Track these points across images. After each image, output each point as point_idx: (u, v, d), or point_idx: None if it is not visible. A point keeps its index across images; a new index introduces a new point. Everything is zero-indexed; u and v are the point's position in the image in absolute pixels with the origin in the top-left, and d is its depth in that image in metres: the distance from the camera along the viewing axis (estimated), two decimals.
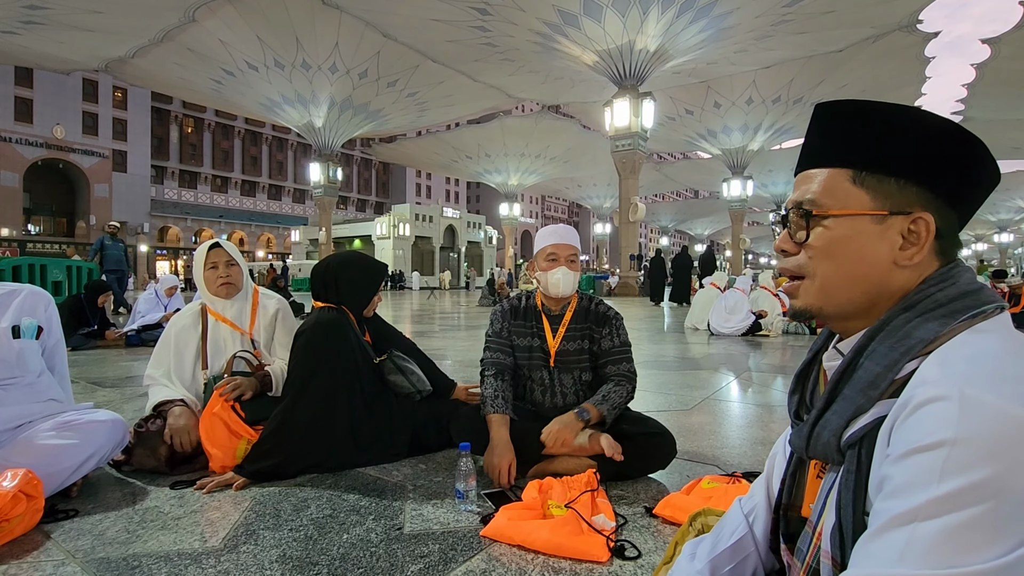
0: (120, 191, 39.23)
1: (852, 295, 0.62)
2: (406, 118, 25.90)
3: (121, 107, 40.06)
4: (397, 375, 2.17)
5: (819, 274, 0.63)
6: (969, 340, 0.53)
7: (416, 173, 60.94)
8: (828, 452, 0.60)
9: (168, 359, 2.11)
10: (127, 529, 1.48)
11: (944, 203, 0.59)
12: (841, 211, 0.62)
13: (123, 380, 3.80)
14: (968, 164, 0.59)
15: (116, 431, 1.78)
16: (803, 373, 0.71)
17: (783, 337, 6.73)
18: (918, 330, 0.55)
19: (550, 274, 1.92)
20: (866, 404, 0.56)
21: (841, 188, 0.62)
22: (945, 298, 0.56)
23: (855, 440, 0.57)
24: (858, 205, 0.61)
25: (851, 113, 0.63)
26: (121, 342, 5.63)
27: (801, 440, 0.63)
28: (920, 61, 19.94)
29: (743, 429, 2.62)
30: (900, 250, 0.59)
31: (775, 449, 0.82)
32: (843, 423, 0.58)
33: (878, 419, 0.55)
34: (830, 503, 0.60)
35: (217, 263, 2.14)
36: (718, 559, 0.77)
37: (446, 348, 5.67)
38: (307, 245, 41.68)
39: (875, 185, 0.60)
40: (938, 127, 0.59)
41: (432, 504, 1.64)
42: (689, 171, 39.54)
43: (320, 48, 19.04)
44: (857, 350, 0.59)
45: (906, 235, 0.59)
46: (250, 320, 2.20)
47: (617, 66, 17.11)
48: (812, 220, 0.63)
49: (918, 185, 0.59)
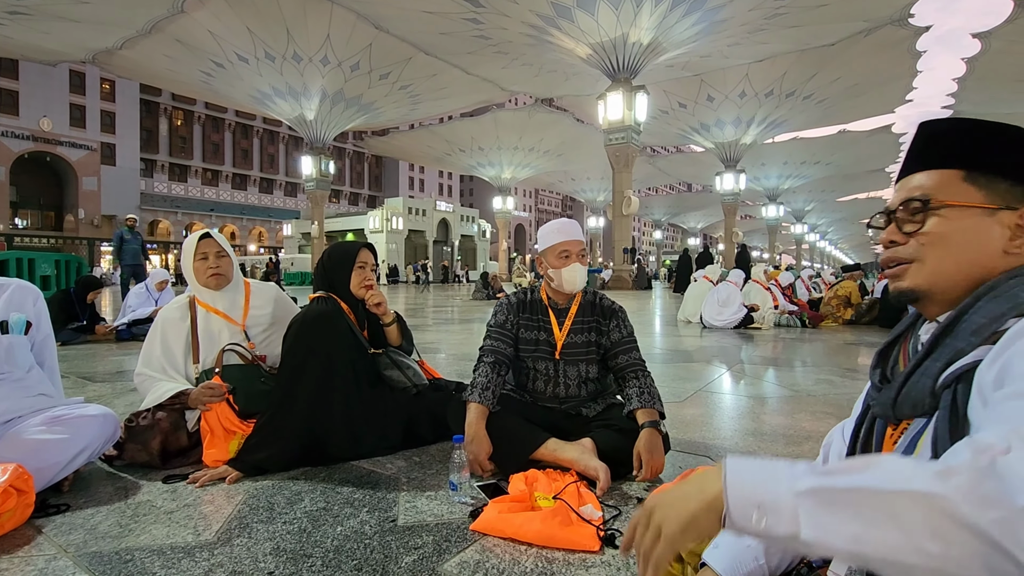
0: (109, 184, 38.80)
1: (959, 278, 0.69)
2: (399, 111, 25.72)
3: (109, 99, 39.56)
4: (393, 369, 2.16)
5: (930, 258, 0.70)
6: None
7: (409, 166, 60.70)
8: (921, 398, 0.65)
9: (158, 354, 2.07)
10: (119, 523, 1.47)
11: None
12: (956, 201, 0.69)
13: (114, 375, 3.77)
14: None
15: (107, 426, 1.77)
16: (885, 352, 0.78)
17: (774, 330, 6.78)
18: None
19: (565, 271, 1.93)
20: (966, 348, 0.62)
21: (953, 185, 0.70)
22: None
23: (951, 381, 0.61)
24: (972, 200, 0.69)
25: (958, 125, 0.72)
26: (111, 337, 5.59)
27: (889, 398, 0.69)
28: (912, 55, 20.01)
29: (735, 420, 2.64)
30: (1010, 240, 0.67)
31: (830, 436, 0.89)
32: (942, 366, 0.63)
33: (976, 361, 0.60)
34: (922, 445, 0.64)
35: (207, 253, 2.12)
36: None
37: (439, 341, 5.67)
38: (299, 239, 41.45)
39: (986, 183, 0.68)
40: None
41: (426, 496, 1.65)
42: (682, 164, 39.57)
43: (311, 40, 18.85)
44: (963, 308, 0.65)
45: (1012, 228, 0.67)
46: (243, 312, 2.18)
47: (610, 59, 17.06)
48: (927, 211, 0.71)
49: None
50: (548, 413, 1.98)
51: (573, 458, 1.71)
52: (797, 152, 31.87)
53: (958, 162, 0.70)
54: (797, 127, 26.65)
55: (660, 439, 1.74)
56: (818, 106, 23.29)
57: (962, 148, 0.71)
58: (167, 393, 1.94)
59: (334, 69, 20.43)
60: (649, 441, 1.71)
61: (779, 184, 34.74)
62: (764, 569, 0.77)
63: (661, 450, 1.72)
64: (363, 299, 2.16)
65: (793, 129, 27.01)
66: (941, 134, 0.73)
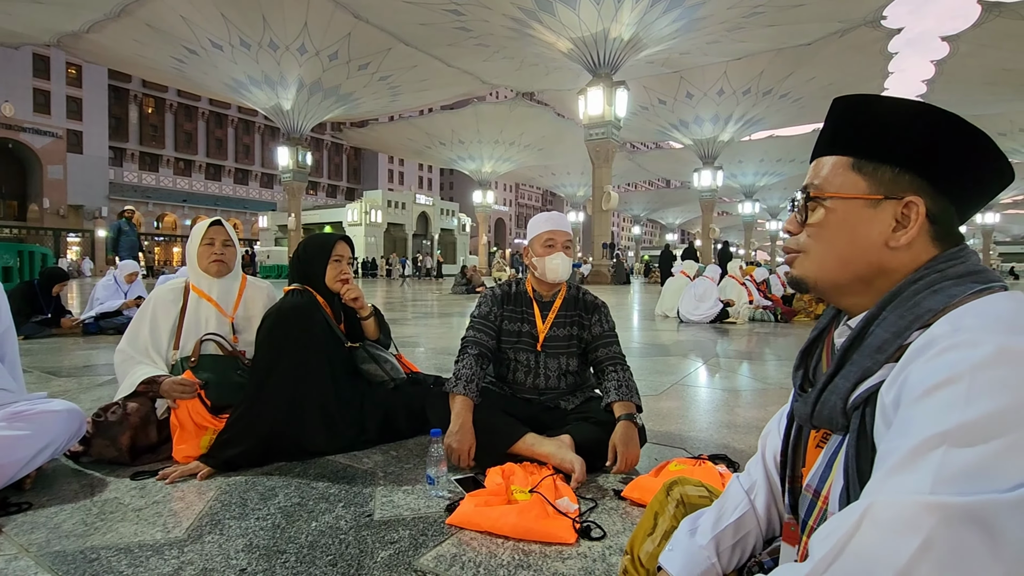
0: (76, 173, 37.49)
1: (843, 272, 0.66)
2: (378, 102, 25.40)
3: (75, 85, 38.16)
4: (370, 363, 2.15)
5: (814, 250, 0.68)
6: (977, 304, 0.56)
7: (388, 159, 60.00)
8: (834, 417, 0.62)
9: (145, 335, 2.04)
10: (84, 521, 1.43)
11: (938, 191, 0.62)
12: (837, 194, 0.66)
13: (80, 369, 3.66)
14: (964, 155, 0.62)
15: (72, 421, 1.72)
16: (807, 350, 0.75)
17: (749, 324, 6.90)
18: (927, 300, 0.58)
19: (548, 259, 1.94)
20: (873, 367, 0.59)
21: (842, 174, 0.66)
22: (954, 274, 0.59)
23: (860, 402, 0.59)
24: (855, 190, 0.65)
25: (857, 105, 0.67)
26: (78, 330, 5.41)
27: (807, 408, 0.66)
28: (884, 56, 20.48)
29: (710, 413, 2.69)
30: (892, 232, 0.63)
31: (768, 428, 0.86)
32: (850, 386, 0.60)
33: (882, 381, 0.57)
34: (837, 467, 0.62)
35: (215, 239, 2.13)
36: (722, 536, 0.79)
37: (419, 335, 5.64)
38: (276, 231, 40.72)
39: (872, 172, 0.64)
40: (934, 119, 0.62)
41: (403, 490, 1.64)
42: (661, 161, 39.90)
43: (288, 28, 18.45)
44: (868, 319, 0.62)
45: (899, 219, 0.63)
46: (234, 304, 2.16)
47: (591, 54, 17.09)
48: (812, 202, 0.68)
49: (911, 173, 0.63)
50: (527, 405, 1.98)
51: (550, 452, 1.72)
52: (773, 150, 32.44)
53: (847, 148, 0.67)
54: (774, 125, 27.09)
55: (636, 431, 1.76)
56: (794, 105, 23.70)
57: (850, 133, 0.67)
58: (141, 377, 1.90)
59: (312, 58, 20.05)
60: (624, 434, 1.72)
61: (755, 181, 35.33)
62: (717, 568, 0.78)
63: (636, 442, 1.74)
64: (339, 293, 2.13)
65: (770, 127, 27.46)
66: (839, 115, 0.68)
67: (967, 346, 0.49)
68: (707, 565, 0.78)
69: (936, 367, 0.49)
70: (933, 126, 0.62)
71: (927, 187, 0.62)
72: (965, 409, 0.46)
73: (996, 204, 40.15)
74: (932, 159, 0.62)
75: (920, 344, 0.53)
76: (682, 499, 0.94)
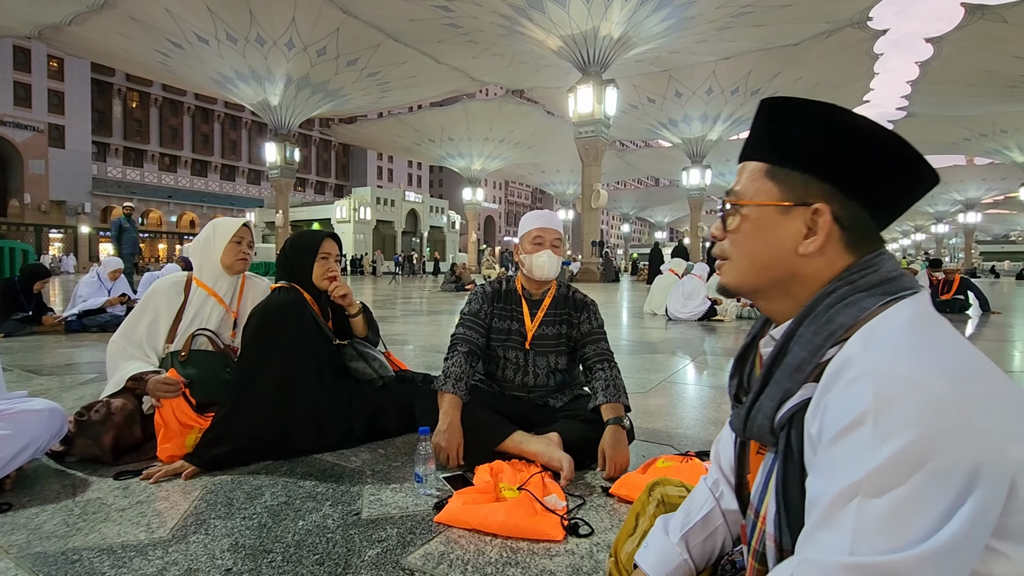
0: (58, 168, 36.82)
1: (759, 278, 0.66)
2: (367, 99, 25.23)
3: (57, 78, 37.45)
4: (359, 361, 2.13)
5: (734, 257, 0.68)
6: (883, 320, 0.56)
7: (377, 156, 59.64)
8: (763, 435, 0.63)
9: (142, 329, 2.03)
10: (66, 522, 1.41)
11: (848, 197, 0.61)
12: (750, 201, 0.66)
13: (62, 368, 3.60)
14: (866, 158, 0.60)
15: (53, 420, 1.69)
16: (741, 357, 0.74)
17: (736, 322, 6.96)
18: (839, 315, 0.58)
19: (535, 256, 1.94)
20: (793, 387, 0.59)
21: (758, 180, 0.66)
22: (866, 284, 0.59)
23: (784, 422, 0.60)
24: (767, 196, 0.65)
25: (772, 109, 0.66)
26: (60, 328, 5.33)
27: (739, 422, 0.66)
28: (870, 57, 20.74)
29: (698, 410, 2.71)
30: (804, 239, 0.62)
31: (721, 435, 0.86)
32: (775, 406, 0.60)
33: (804, 401, 0.57)
34: (771, 488, 0.62)
35: (243, 238, 2.15)
36: (690, 533, 0.81)
37: (408, 333, 5.62)
38: (263, 228, 40.32)
39: (783, 178, 0.64)
40: (833, 122, 0.61)
41: (391, 489, 1.63)
42: (650, 159, 40.09)
43: (276, 22, 18.26)
44: (787, 336, 0.62)
45: (810, 225, 0.62)
46: (237, 299, 2.18)
47: (581, 52, 17.10)
48: (732, 209, 0.68)
49: (820, 180, 0.62)
50: (516, 403, 1.99)
51: (538, 450, 1.72)
52: None
53: (763, 154, 0.66)
54: None
55: (624, 435, 1.76)
56: None
57: (765, 138, 0.66)
58: (129, 373, 1.89)
59: (300, 53, 19.86)
60: (613, 438, 1.73)
61: None
62: (689, 564, 0.79)
63: (625, 447, 1.74)
64: (327, 290, 2.12)
65: None
66: (759, 119, 0.67)
67: (870, 376, 0.49)
68: (679, 562, 0.79)
69: (847, 402, 0.50)
70: (833, 130, 0.61)
71: (836, 193, 0.61)
72: (872, 455, 0.47)
73: (978, 204, 40.88)
74: (835, 164, 0.61)
75: (835, 368, 0.54)
76: (662, 499, 0.95)
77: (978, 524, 0.45)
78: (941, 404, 0.47)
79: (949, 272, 8.29)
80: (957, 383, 0.48)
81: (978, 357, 0.53)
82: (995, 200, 44.61)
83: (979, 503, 0.45)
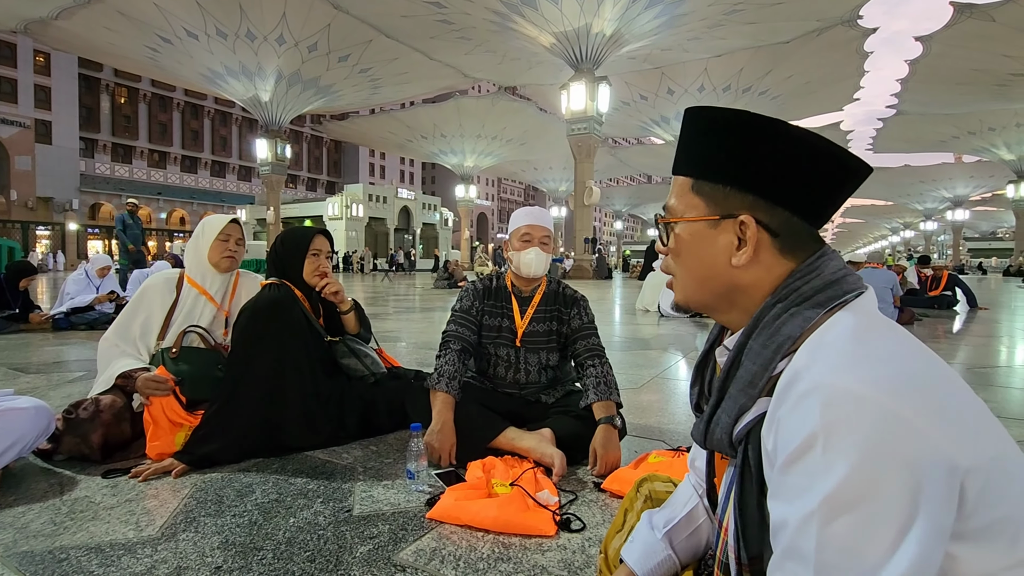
0: (45, 164, 36.34)
1: (703, 293, 0.66)
2: (358, 95, 25.08)
3: (44, 73, 36.92)
4: (350, 358, 2.12)
5: (678, 272, 0.68)
6: (828, 330, 0.55)
7: (369, 152, 59.37)
8: (722, 447, 0.63)
9: (136, 327, 2.02)
10: (53, 521, 1.40)
11: (773, 204, 0.60)
12: (681, 218, 0.65)
13: (50, 366, 3.56)
14: (791, 166, 0.59)
15: (40, 418, 1.67)
16: (701, 364, 0.74)
17: None
18: (786, 326, 0.57)
19: (523, 254, 1.94)
20: (748, 403, 0.59)
21: (685, 196, 0.65)
22: (810, 290, 0.58)
23: (741, 438, 0.59)
24: (695, 212, 0.64)
25: (693, 121, 0.65)
26: (48, 326, 5.27)
27: (700, 434, 0.66)
28: (860, 55, 20.88)
29: (689, 406, 2.71)
30: (736, 250, 0.61)
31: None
32: (732, 421, 0.60)
33: (760, 416, 0.57)
34: (732, 502, 0.62)
35: (231, 236, 2.12)
36: (674, 530, 0.81)
37: (400, 330, 5.60)
38: (255, 225, 40.07)
39: (708, 191, 0.63)
40: (755, 132, 0.60)
41: (383, 485, 1.63)
42: (642, 156, 40.16)
43: (266, 17, 18.09)
44: (738, 348, 0.61)
45: (740, 236, 0.61)
46: (229, 297, 2.16)
47: (574, 49, 17.09)
48: (665, 227, 0.68)
49: (742, 190, 0.61)
50: (508, 400, 1.98)
51: (530, 447, 1.72)
52: None
53: (687, 168, 0.65)
54: None
55: (615, 434, 1.76)
56: (772, 102, 24.02)
57: (687, 153, 0.65)
58: (119, 371, 1.87)
59: (290, 49, 19.71)
60: (604, 437, 1.73)
61: None
62: (674, 559, 0.80)
63: (616, 445, 1.74)
64: (317, 287, 2.10)
65: None
66: (682, 130, 0.66)
67: (817, 393, 0.49)
68: (663, 556, 0.79)
69: (798, 422, 0.49)
70: (746, 139, 0.60)
71: (760, 201, 0.60)
72: (824, 481, 0.46)
73: (966, 201, 41.30)
74: (752, 174, 0.60)
75: (785, 382, 0.53)
76: (650, 495, 0.96)
77: (934, 535, 0.45)
78: (886, 419, 0.46)
79: (937, 269, 8.37)
80: (900, 394, 0.47)
81: (923, 363, 0.52)
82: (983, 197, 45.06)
83: (932, 515, 0.45)
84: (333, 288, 2.10)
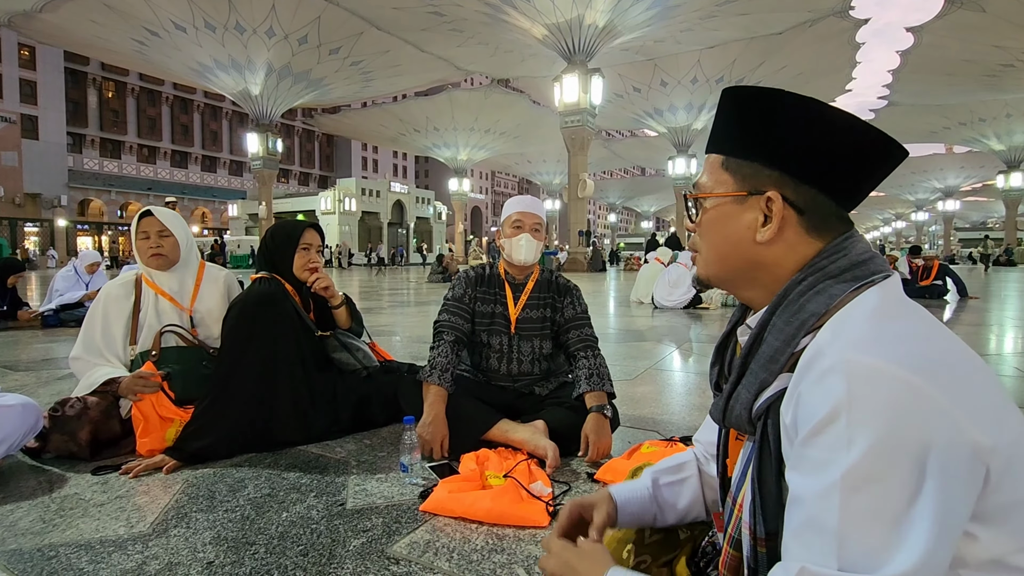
0: (32, 160, 35.85)
1: (724, 268, 0.67)
2: (350, 88, 24.88)
3: (29, 67, 36.34)
4: (342, 352, 2.11)
5: (703, 249, 0.69)
6: (853, 308, 0.56)
7: (362, 146, 58.95)
8: (741, 424, 0.63)
9: (97, 337, 1.93)
10: (42, 518, 1.38)
11: (801, 182, 0.60)
12: (709, 194, 0.67)
13: (39, 363, 3.53)
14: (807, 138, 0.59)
15: (28, 416, 1.65)
16: (722, 345, 0.74)
17: (722, 309, 7.01)
18: (811, 303, 0.58)
19: (514, 240, 1.94)
20: (769, 378, 0.59)
21: (715, 173, 0.67)
22: (836, 270, 0.59)
23: (761, 413, 0.60)
24: (724, 188, 0.65)
25: (725, 100, 0.66)
26: (37, 323, 5.21)
27: (719, 412, 0.67)
28: (852, 46, 20.89)
29: (683, 396, 2.73)
30: (761, 226, 0.62)
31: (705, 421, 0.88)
32: (752, 397, 0.61)
33: (780, 391, 0.57)
34: (749, 476, 0.63)
35: (148, 232, 1.97)
36: (660, 472, 0.84)
37: (394, 324, 5.59)
38: (246, 220, 39.80)
39: (736, 168, 0.64)
40: (788, 110, 0.60)
41: (376, 479, 1.62)
42: (636, 148, 40.13)
43: (255, 10, 17.88)
44: (761, 325, 0.62)
45: (766, 213, 0.62)
46: (191, 296, 2.04)
47: (566, 41, 17.00)
48: (694, 203, 0.70)
49: (769, 167, 0.62)
50: (501, 392, 1.98)
51: (524, 438, 1.72)
52: None
53: (718, 146, 0.67)
54: None
55: (607, 423, 1.77)
56: None
57: (721, 131, 0.66)
58: (99, 380, 1.83)
59: (280, 42, 19.49)
60: (595, 423, 1.73)
61: None
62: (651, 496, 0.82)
63: (607, 433, 1.75)
64: (307, 282, 2.08)
65: None
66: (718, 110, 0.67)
67: (842, 368, 0.49)
68: (642, 491, 0.82)
69: (821, 396, 0.50)
70: (776, 116, 0.60)
71: (787, 179, 0.61)
72: (847, 453, 0.47)
73: (957, 192, 41.61)
74: (780, 150, 0.61)
75: (807, 358, 0.54)
76: None
77: (954, 511, 0.46)
78: (910, 396, 0.47)
79: (928, 259, 8.43)
80: (925, 372, 0.48)
81: (947, 343, 0.53)
82: (973, 188, 45.43)
83: (954, 491, 0.46)
84: (323, 283, 2.08)
